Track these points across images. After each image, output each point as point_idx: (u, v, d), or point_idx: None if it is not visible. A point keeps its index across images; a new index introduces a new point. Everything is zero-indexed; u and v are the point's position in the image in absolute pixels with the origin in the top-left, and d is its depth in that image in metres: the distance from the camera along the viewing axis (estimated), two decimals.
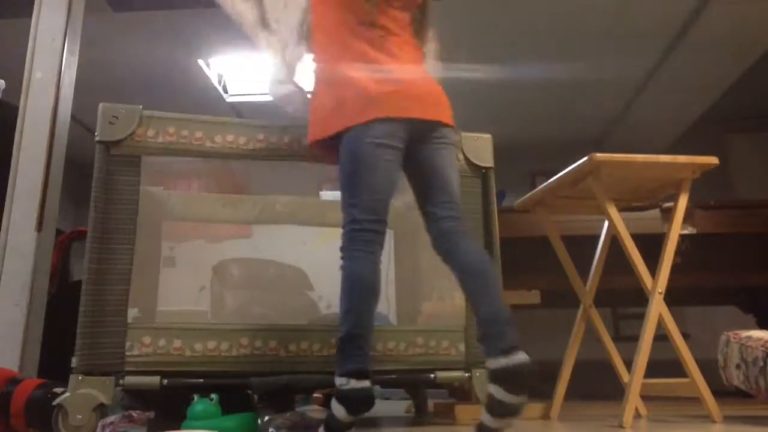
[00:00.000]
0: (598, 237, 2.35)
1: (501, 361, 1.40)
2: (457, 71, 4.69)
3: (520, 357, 1.40)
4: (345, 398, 1.48)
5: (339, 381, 1.50)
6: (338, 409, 1.48)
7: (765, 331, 1.95)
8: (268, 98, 2.13)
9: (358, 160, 1.60)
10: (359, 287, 1.55)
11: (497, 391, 1.38)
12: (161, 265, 2.38)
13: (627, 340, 2.89)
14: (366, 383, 1.48)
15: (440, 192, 1.66)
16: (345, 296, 1.55)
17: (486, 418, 1.41)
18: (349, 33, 1.71)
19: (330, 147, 1.68)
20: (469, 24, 4.04)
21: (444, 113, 1.71)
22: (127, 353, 1.68)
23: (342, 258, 1.59)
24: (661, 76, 4.74)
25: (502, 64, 4.55)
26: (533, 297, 2.59)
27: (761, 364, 1.83)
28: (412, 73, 1.70)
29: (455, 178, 1.69)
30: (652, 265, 1.96)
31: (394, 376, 1.87)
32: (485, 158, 2.07)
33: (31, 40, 2.47)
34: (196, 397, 1.60)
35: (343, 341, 1.53)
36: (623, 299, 3.09)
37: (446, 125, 1.70)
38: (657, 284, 1.92)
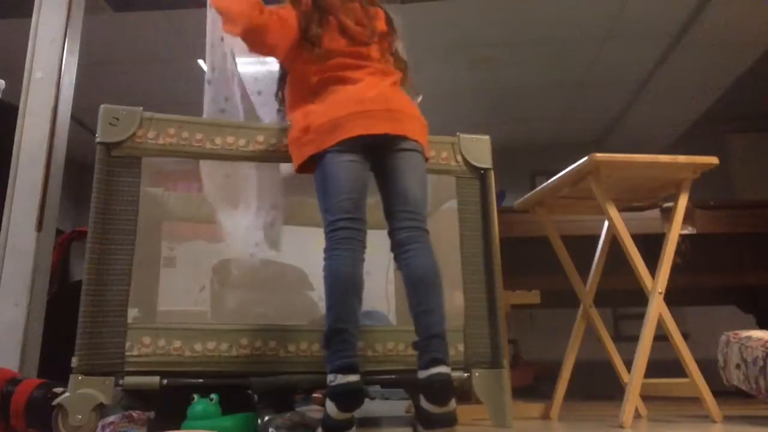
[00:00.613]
0: (598, 237, 2.35)
1: (423, 373, 1.51)
2: (458, 71, 4.70)
3: (439, 370, 1.50)
4: (333, 394, 1.50)
5: (328, 378, 1.52)
6: (330, 407, 1.50)
7: (765, 331, 1.95)
8: None
9: (324, 169, 1.67)
10: (338, 283, 1.59)
11: (422, 401, 1.50)
12: (161, 265, 2.38)
13: (627, 340, 2.89)
14: (353, 377, 1.49)
15: (401, 202, 1.70)
16: (326, 294, 1.59)
17: (419, 428, 1.54)
18: (315, 78, 1.77)
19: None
20: (470, 24, 4.04)
21: (409, 128, 1.73)
22: (127, 353, 1.68)
23: (324, 260, 1.63)
24: (661, 76, 4.74)
25: (502, 64, 4.55)
26: (533, 297, 2.59)
27: (761, 364, 1.83)
28: (377, 95, 1.73)
29: (418, 188, 1.72)
30: (652, 265, 1.96)
31: (394, 376, 1.87)
32: (483, 159, 2.07)
33: (31, 40, 2.47)
34: (196, 397, 1.61)
35: (327, 337, 1.55)
36: (623, 299, 3.09)
37: (409, 139, 1.73)
38: (657, 284, 1.92)
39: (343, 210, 1.63)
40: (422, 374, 1.52)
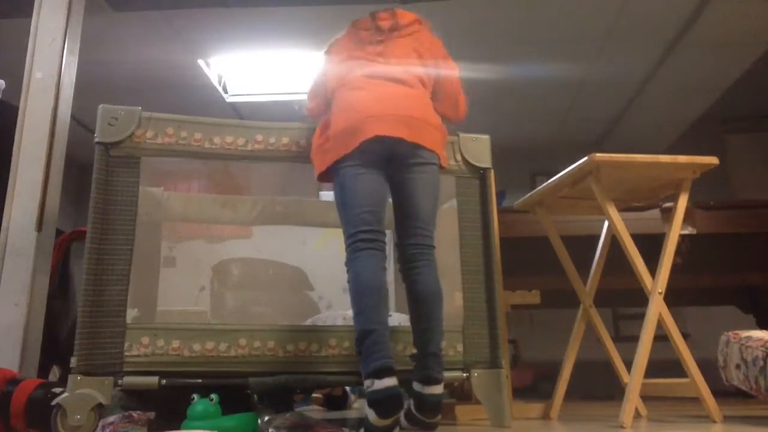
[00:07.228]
0: (598, 237, 2.35)
1: (419, 387, 1.62)
2: (458, 71, 4.69)
3: (433, 390, 1.61)
4: (372, 401, 1.50)
5: (365, 384, 1.52)
6: (370, 414, 1.50)
7: (765, 331, 1.95)
8: (268, 98, 2.18)
9: (342, 182, 1.70)
10: (363, 287, 1.61)
11: (414, 407, 1.63)
12: (161, 265, 2.38)
13: (627, 340, 2.89)
14: (389, 381, 1.49)
15: (412, 216, 1.73)
16: (353, 300, 1.61)
17: (403, 422, 1.66)
18: (340, 85, 1.83)
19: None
20: (470, 24, 4.04)
21: (424, 137, 1.73)
22: (126, 353, 1.68)
23: (347, 272, 1.66)
24: (661, 76, 4.73)
25: (502, 64, 4.55)
26: (533, 297, 2.59)
27: (761, 364, 1.83)
28: (395, 103, 1.75)
29: (429, 204, 1.75)
30: (652, 265, 1.96)
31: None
32: (483, 159, 2.07)
33: (31, 40, 2.46)
34: (196, 397, 1.60)
35: (358, 342, 1.57)
36: (623, 299, 3.08)
37: (426, 148, 1.74)
38: (657, 284, 1.92)
39: (363, 222, 1.66)
40: (418, 387, 1.61)
